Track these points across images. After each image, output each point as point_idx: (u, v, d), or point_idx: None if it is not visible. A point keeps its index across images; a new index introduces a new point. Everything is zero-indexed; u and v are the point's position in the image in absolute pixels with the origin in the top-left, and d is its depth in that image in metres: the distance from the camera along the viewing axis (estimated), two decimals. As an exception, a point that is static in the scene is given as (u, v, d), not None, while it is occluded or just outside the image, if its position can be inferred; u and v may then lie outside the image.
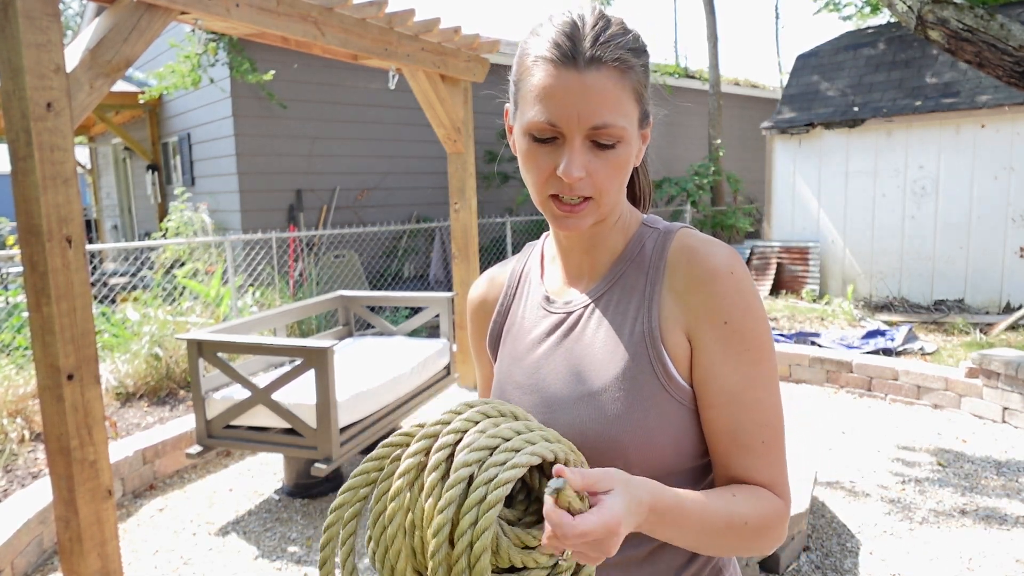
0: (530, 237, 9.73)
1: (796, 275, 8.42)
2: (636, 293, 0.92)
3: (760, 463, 0.88)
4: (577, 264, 0.99)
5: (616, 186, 0.87)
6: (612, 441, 0.87)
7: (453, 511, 0.71)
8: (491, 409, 0.80)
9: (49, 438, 2.51)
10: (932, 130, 7.53)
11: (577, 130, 0.82)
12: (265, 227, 7.83)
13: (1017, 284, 7.13)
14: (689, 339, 0.89)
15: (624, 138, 0.84)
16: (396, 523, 0.76)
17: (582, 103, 0.81)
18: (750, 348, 0.87)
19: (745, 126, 13.94)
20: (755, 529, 0.85)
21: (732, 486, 0.88)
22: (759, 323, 0.88)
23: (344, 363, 3.96)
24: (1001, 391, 4.39)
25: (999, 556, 2.92)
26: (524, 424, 0.78)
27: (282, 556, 3.09)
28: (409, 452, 0.77)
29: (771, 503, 0.87)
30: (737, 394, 0.87)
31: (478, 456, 0.73)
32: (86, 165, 14.12)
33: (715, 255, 0.89)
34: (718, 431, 0.88)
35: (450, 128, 5.07)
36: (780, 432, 0.89)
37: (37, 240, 2.40)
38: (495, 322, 1.07)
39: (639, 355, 0.89)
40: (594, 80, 0.81)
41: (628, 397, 0.88)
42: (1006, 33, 3.92)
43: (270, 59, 7.67)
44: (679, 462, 0.89)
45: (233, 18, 3.18)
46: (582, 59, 0.81)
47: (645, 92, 0.88)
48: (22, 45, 2.29)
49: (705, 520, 0.82)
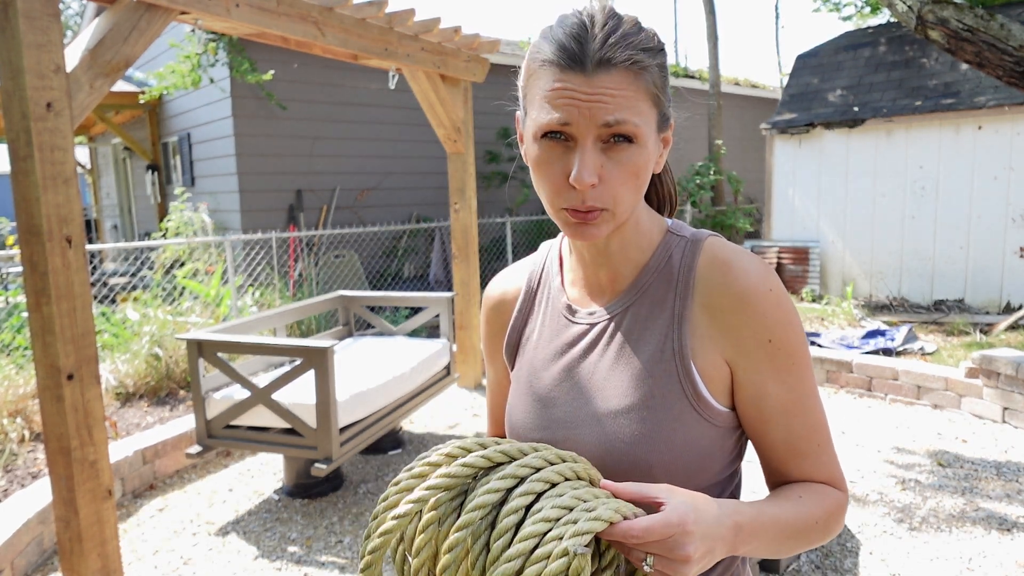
0: (530, 237, 9.72)
1: (796, 275, 8.42)
2: (665, 308, 0.89)
3: (818, 464, 0.90)
4: (599, 273, 0.94)
5: (632, 194, 0.83)
6: (637, 460, 0.86)
7: (521, 563, 0.70)
8: (552, 456, 0.79)
9: (49, 438, 2.51)
10: (932, 130, 7.53)
11: (587, 130, 0.78)
12: (265, 227, 7.83)
13: (1017, 284, 7.13)
14: (729, 362, 0.87)
15: (639, 138, 0.80)
16: (451, 569, 0.74)
17: (592, 103, 0.77)
18: (795, 361, 0.86)
19: (745, 126, 13.94)
20: (824, 525, 0.87)
21: (795, 487, 0.89)
22: (799, 334, 0.87)
23: (344, 363, 3.96)
24: (1001, 391, 4.39)
25: (999, 556, 2.92)
26: (587, 490, 0.76)
27: (282, 556, 3.09)
28: (475, 505, 0.74)
29: (833, 498, 0.89)
30: (789, 408, 0.87)
31: (557, 515, 0.72)
32: (86, 165, 14.12)
33: (750, 272, 0.86)
34: (775, 444, 0.89)
35: (450, 128, 5.07)
36: (828, 429, 0.91)
37: (37, 240, 2.40)
38: (513, 328, 1.03)
39: (668, 374, 0.86)
40: (604, 81, 0.77)
41: (655, 417, 0.86)
42: (1006, 33, 3.92)
43: (270, 59, 7.67)
44: (704, 479, 0.88)
45: (233, 18, 3.18)
46: (590, 61, 0.77)
47: (663, 94, 0.83)
48: (22, 45, 2.29)
49: (782, 527, 0.83)
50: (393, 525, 0.75)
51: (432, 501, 0.75)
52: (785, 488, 0.89)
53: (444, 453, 0.78)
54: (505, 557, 0.70)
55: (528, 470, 0.75)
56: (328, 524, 3.37)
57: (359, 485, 3.81)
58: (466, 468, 0.76)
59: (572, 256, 0.99)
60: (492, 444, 0.79)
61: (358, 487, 3.79)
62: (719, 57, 11.14)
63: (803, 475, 0.90)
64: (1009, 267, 7.18)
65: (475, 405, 5.13)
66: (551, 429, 0.93)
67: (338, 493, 3.71)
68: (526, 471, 0.75)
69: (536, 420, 0.95)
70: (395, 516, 0.75)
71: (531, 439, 0.94)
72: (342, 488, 3.76)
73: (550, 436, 0.93)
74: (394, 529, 0.75)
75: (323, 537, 3.25)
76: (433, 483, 0.75)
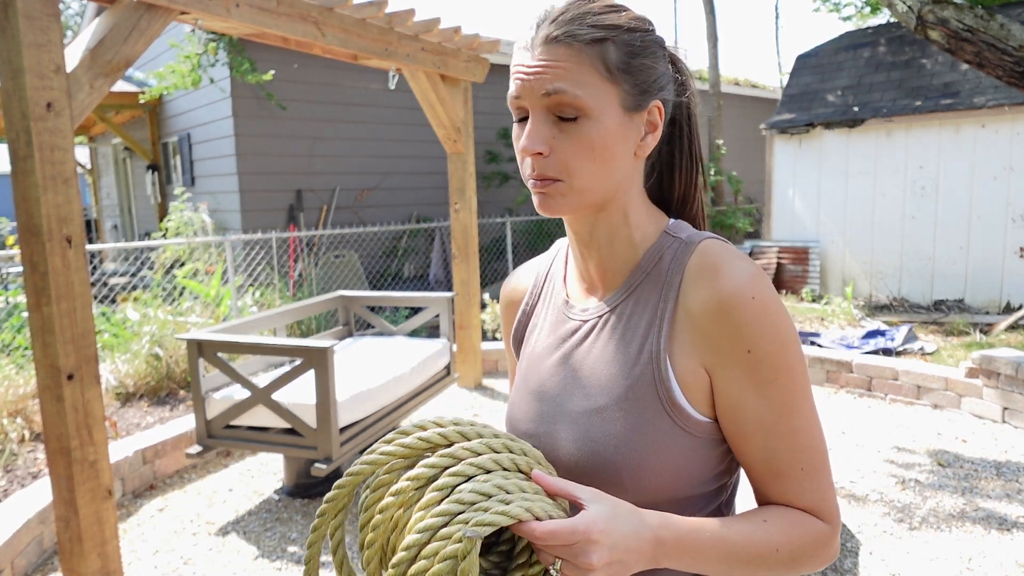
0: (530, 237, 9.72)
1: (796, 275, 8.42)
2: (649, 309, 0.87)
3: (799, 489, 0.84)
4: (589, 266, 0.94)
5: (591, 167, 0.82)
6: (605, 461, 0.84)
7: (428, 536, 0.73)
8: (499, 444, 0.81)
9: (49, 438, 2.51)
10: (932, 130, 7.53)
11: (534, 102, 0.82)
12: (265, 227, 7.83)
13: (1017, 284, 7.13)
14: (708, 370, 0.83)
15: (587, 111, 0.80)
16: (379, 528, 0.81)
17: (534, 75, 0.81)
18: (778, 375, 0.81)
19: (745, 126, 13.94)
20: (789, 556, 0.81)
21: (764, 510, 0.85)
22: (787, 346, 0.81)
23: (344, 363, 3.96)
24: (1001, 391, 4.39)
25: (999, 556, 2.93)
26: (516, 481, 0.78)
27: (282, 556, 3.09)
28: (409, 476, 0.80)
29: (808, 527, 0.83)
30: (769, 425, 0.82)
31: (473, 499, 0.74)
32: (86, 165, 14.12)
33: (735, 277, 0.81)
34: (752, 461, 0.85)
35: (450, 128, 5.07)
36: (820, 454, 0.84)
37: (37, 240, 2.40)
38: (519, 321, 1.06)
39: (644, 377, 0.84)
40: (545, 54, 0.81)
41: (628, 419, 0.84)
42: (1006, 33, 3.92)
43: (270, 59, 7.67)
44: (679, 488, 0.85)
45: (233, 18, 3.18)
46: (539, 40, 0.82)
47: (627, 71, 0.82)
48: (22, 45, 2.29)
49: (729, 549, 0.79)
50: (356, 471, 0.85)
51: (387, 465, 0.83)
52: (756, 510, 0.86)
53: (415, 425, 0.85)
54: (416, 529, 0.74)
55: (469, 453, 0.79)
56: (328, 524, 3.37)
57: (359, 485, 3.81)
58: (421, 442, 0.81)
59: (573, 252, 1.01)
60: (452, 425, 0.83)
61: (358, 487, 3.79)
62: (719, 57, 11.15)
63: (783, 498, 0.85)
64: (1009, 267, 7.18)
65: (475, 405, 5.13)
66: (537, 423, 0.94)
67: (338, 493, 3.71)
68: (466, 454, 0.79)
69: (526, 413, 0.96)
70: (351, 472, 0.85)
71: (520, 431, 0.95)
72: (342, 488, 3.76)
73: (535, 429, 0.93)
74: (353, 480, 0.85)
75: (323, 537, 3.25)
76: (390, 449, 0.82)
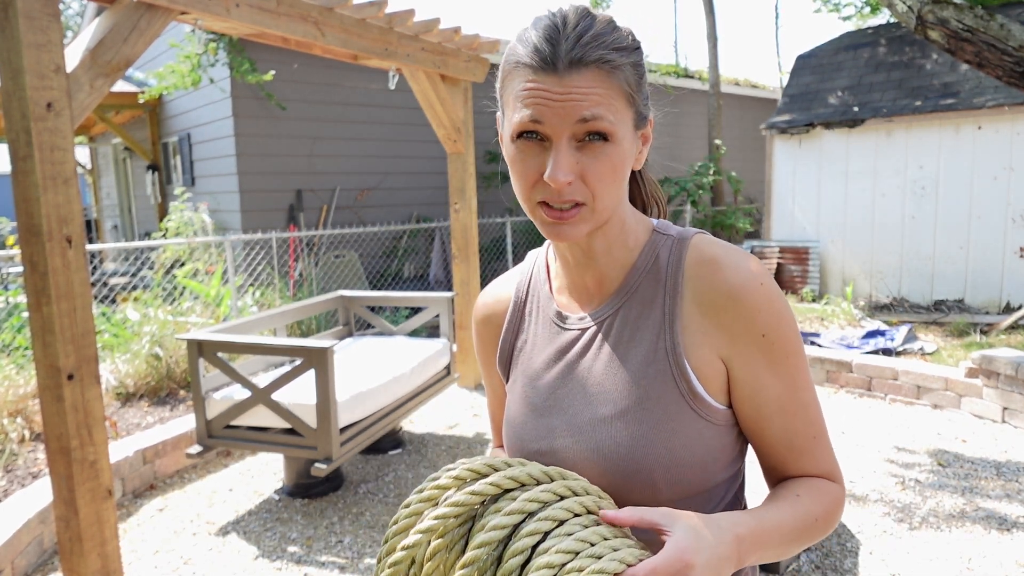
0: (530, 237, 9.72)
1: (796, 275, 8.42)
2: (655, 308, 0.88)
3: (815, 459, 0.90)
4: (584, 277, 0.94)
5: (612, 189, 0.83)
6: (637, 464, 0.85)
7: None
8: (561, 488, 0.79)
9: (49, 438, 2.51)
10: (932, 130, 7.53)
11: (562, 130, 0.78)
12: (265, 227, 7.83)
13: (1017, 284, 7.13)
14: (724, 359, 0.86)
15: (614, 135, 0.80)
16: None
17: (565, 102, 0.78)
18: (789, 355, 0.86)
19: (745, 126, 13.94)
20: (824, 522, 0.87)
21: (792, 485, 0.89)
22: (792, 327, 0.86)
23: (344, 363, 3.96)
24: (1001, 391, 4.39)
25: (999, 556, 2.93)
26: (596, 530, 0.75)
27: (282, 556, 3.09)
28: (480, 542, 0.75)
29: (831, 492, 0.89)
30: (785, 403, 0.87)
31: (561, 560, 0.71)
32: (86, 165, 14.12)
33: (740, 267, 0.86)
34: (772, 441, 0.89)
35: (450, 128, 5.07)
36: (823, 420, 0.91)
37: (37, 240, 2.40)
38: (504, 340, 1.03)
39: (662, 374, 0.86)
40: (576, 80, 0.77)
41: (652, 418, 0.85)
42: (1006, 33, 3.92)
43: (270, 59, 7.67)
44: (706, 479, 0.87)
45: (233, 18, 3.18)
46: (562, 63, 0.78)
47: (638, 92, 0.83)
48: (22, 45, 2.29)
49: (785, 531, 0.83)
50: (402, 556, 0.78)
51: (440, 528, 0.77)
52: (782, 488, 0.89)
53: (454, 476, 0.80)
54: None
55: (536, 504, 0.76)
56: (328, 524, 3.38)
57: (359, 485, 3.82)
58: (474, 496, 0.77)
59: (557, 262, 0.98)
60: (502, 467, 0.80)
61: (358, 487, 3.79)
62: (719, 57, 11.15)
63: (800, 471, 0.90)
64: (1009, 267, 7.18)
65: (475, 405, 5.13)
66: (549, 439, 0.92)
67: (338, 493, 3.71)
68: (534, 506, 0.76)
69: (534, 431, 0.94)
70: (404, 547, 0.78)
71: (530, 450, 0.94)
72: (342, 488, 3.76)
73: (548, 445, 0.92)
74: (403, 560, 0.78)
75: (323, 537, 3.25)
76: (442, 512, 0.77)
